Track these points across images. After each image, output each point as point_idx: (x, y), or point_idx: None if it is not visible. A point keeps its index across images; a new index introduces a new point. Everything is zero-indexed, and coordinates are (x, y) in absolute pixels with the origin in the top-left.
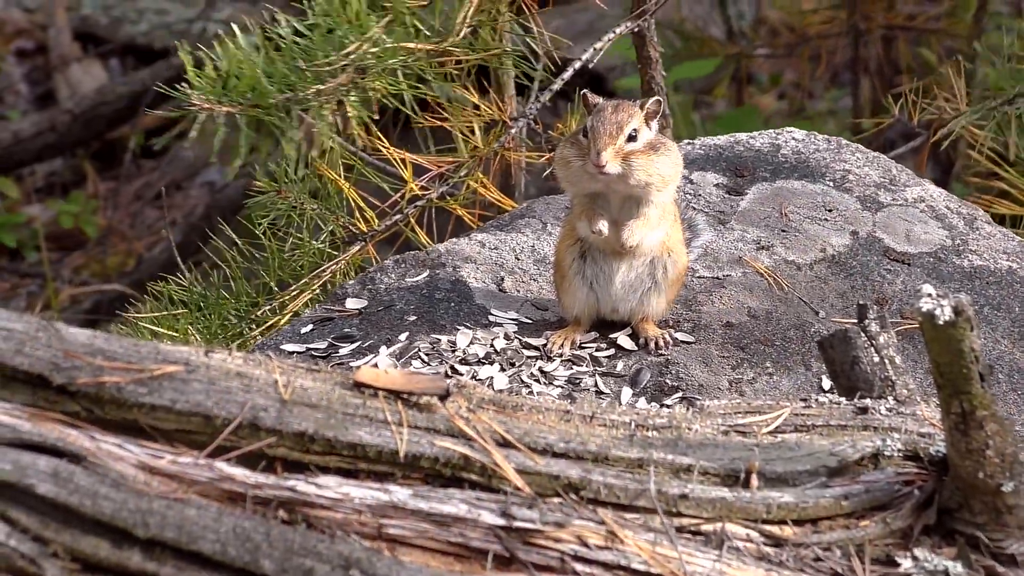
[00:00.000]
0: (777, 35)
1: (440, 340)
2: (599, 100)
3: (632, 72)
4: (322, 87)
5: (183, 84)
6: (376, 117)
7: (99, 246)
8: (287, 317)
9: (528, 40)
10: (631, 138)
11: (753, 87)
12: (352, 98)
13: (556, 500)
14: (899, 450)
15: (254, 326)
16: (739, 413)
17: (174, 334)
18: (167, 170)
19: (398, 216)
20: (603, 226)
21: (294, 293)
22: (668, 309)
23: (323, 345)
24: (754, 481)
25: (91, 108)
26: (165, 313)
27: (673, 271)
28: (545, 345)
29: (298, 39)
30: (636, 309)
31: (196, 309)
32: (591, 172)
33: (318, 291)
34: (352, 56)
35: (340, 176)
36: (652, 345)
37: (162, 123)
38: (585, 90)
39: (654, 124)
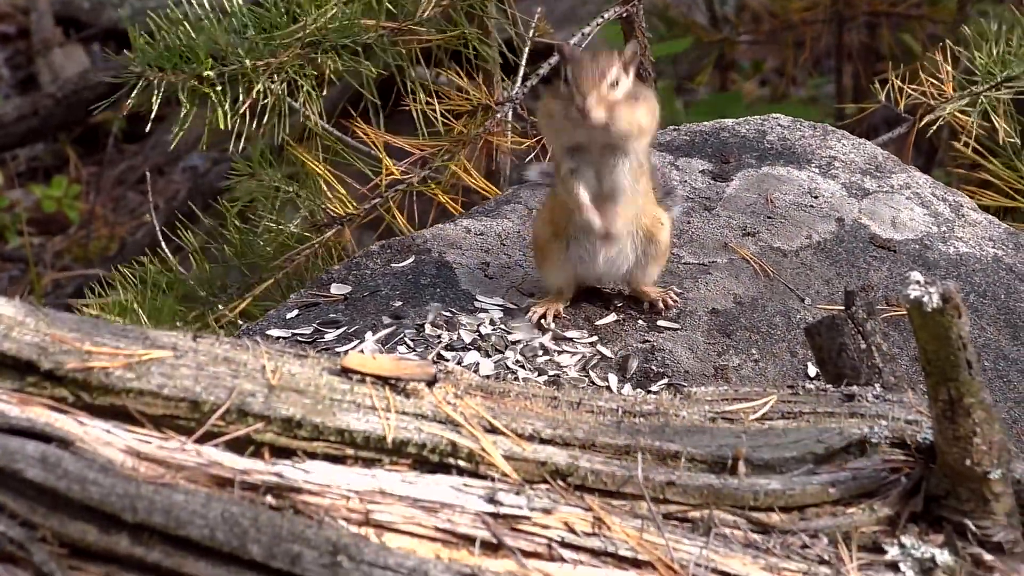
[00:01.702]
0: (760, 21)
1: (425, 326)
2: (576, 50)
3: None
4: (271, 60)
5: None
6: (324, 92)
7: (81, 230)
8: (248, 300)
9: (506, 25)
10: (613, 86)
11: (736, 73)
12: (305, 73)
13: (543, 486)
14: (886, 437)
15: (220, 306)
16: (726, 400)
17: (118, 319)
18: (150, 155)
19: (377, 200)
20: (594, 218)
21: (263, 276)
22: (661, 274)
23: (308, 330)
24: (741, 468)
25: (73, 93)
26: (110, 300)
27: (655, 249)
28: (527, 313)
29: (254, 8)
30: (629, 279)
31: (158, 290)
32: (575, 120)
33: (289, 273)
34: (307, 30)
35: (319, 159)
36: (660, 305)
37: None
38: (560, 42)
39: (631, 72)
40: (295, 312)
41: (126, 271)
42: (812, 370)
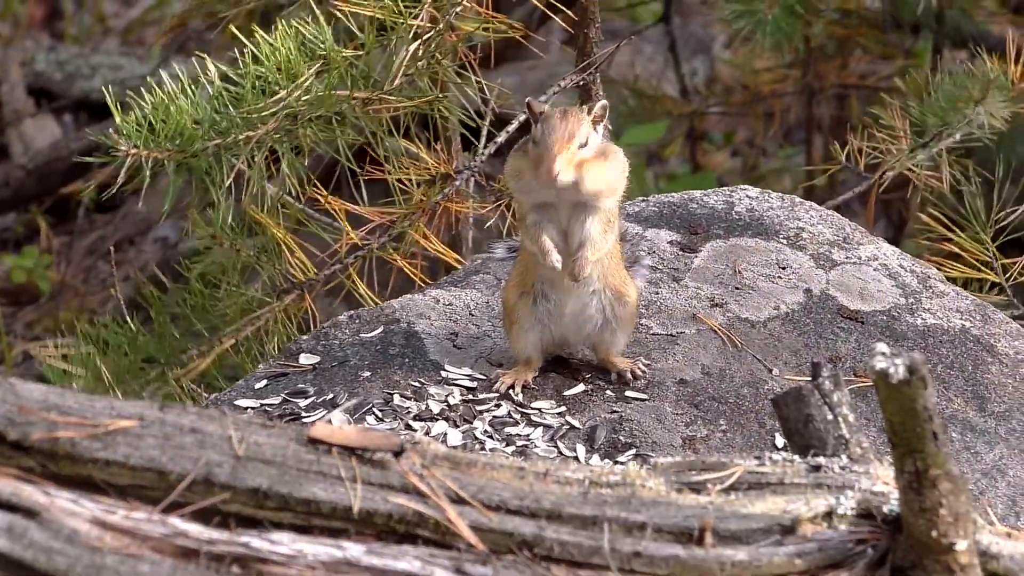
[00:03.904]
0: (731, 93)
1: (394, 396)
2: (544, 108)
3: None
4: (252, 133)
5: (111, 131)
6: (305, 162)
7: (52, 301)
8: (208, 361)
9: (470, 92)
10: (582, 145)
11: (707, 144)
12: (284, 145)
13: (510, 557)
14: (853, 508)
15: (178, 368)
16: (693, 470)
17: (81, 372)
18: (120, 225)
19: (337, 266)
20: (557, 262)
21: (222, 338)
22: (627, 341)
23: (277, 400)
24: (708, 539)
25: (45, 164)
26: (75, 352)
27: (624, 311)
28: (493, 384)
29: (229, 86)
30: (595, 343)
31: (110, 350)
32: (544, 180)
33: (250, 336)
34: (283, 103)
35: (279, 225)
36: (628, 376)
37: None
38: (529, 98)
39: (600, 129)
40: (263, 382)
41: (88, 328)
42: (780, 441)
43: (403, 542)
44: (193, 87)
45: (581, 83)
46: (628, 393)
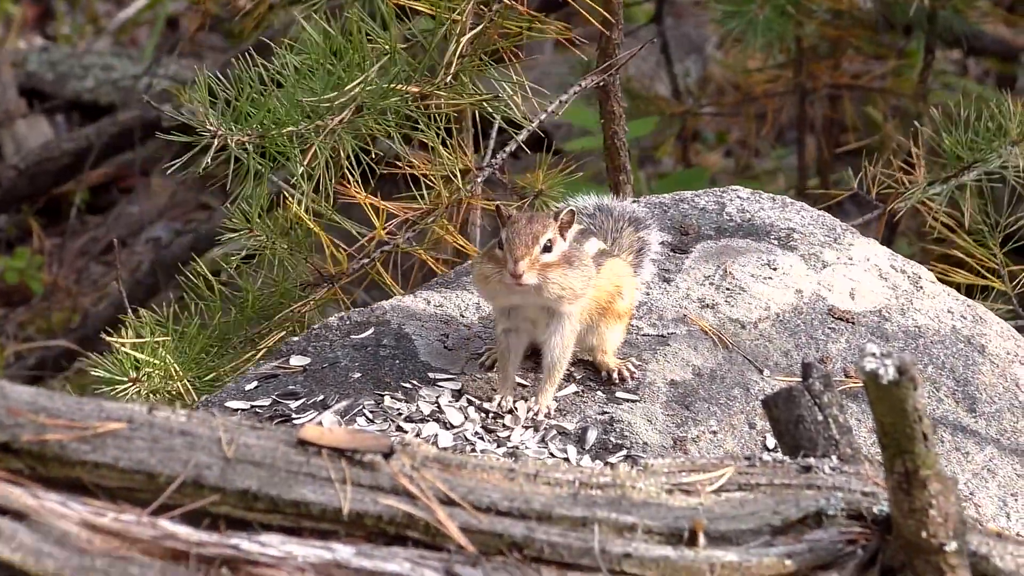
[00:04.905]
0: (723, 93)
1: (384, 397)
2: (512, 212)
3: (579, 134)
4: (321, 123)
5: (191, 114)
6: (371, 151)
7: (44, 302)
8: (261, 353)
9: (508, 86)
10: (546, 249)
11: (699, 145)
12: (347, 135)
13: (499, 558)
14: (842, 509)
15: (226, 361)
16: (683, 471)
17: (155, 361)
18: (112, 226)
19: (365, 260)
20: (507, 403)
21: (265, 331)
22: (621, 339)
23: (267, 402)
24: (702, 540)
25: (37, 164)
26: (146, 340)
27: (609, 315)
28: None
29: (300, 80)
30: (592, 345)
31: (178, 337)
32: (508, 284)
33: (290, 329)
34: (352, 93)
35: (310, 219)
36: (616, 377)
37: (107, 179)
38: (498, 202)
39: (568, 235)
40: (254, 383)
41: (148, 315)
42: (770, 442)
43: (393, 543)
44: (279, 76)
45: (601, 84)
46: (619, 394)
